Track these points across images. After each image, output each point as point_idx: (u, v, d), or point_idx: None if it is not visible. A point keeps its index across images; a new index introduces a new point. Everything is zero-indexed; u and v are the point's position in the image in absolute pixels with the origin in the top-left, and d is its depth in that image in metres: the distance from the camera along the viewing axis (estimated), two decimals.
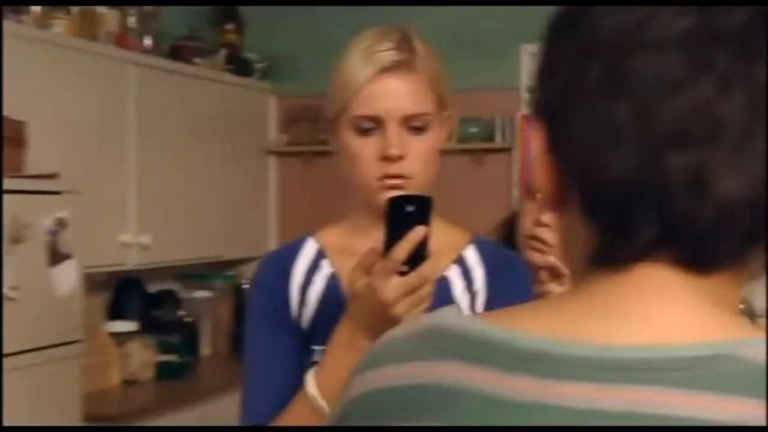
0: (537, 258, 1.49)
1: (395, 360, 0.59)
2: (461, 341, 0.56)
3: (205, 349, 3.46)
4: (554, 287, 1.40)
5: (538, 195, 1.51)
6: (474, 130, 3.39)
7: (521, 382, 0.53)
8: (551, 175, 0.58)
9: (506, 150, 3.46)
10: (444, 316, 0.60)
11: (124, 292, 3.26)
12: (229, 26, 3.74)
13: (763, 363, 0.49)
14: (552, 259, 1.46)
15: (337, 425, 0.63)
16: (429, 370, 0.57)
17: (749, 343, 0.50)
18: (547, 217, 1.50)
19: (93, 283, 2.76)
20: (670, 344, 0.51)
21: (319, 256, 1.29)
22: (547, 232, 1.50)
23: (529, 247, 1.50)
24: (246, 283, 3.58)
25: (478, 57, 3.43)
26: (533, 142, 0.60)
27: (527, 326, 0.55)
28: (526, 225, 1.53)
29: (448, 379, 0.55)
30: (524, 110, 3.45)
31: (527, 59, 3.47)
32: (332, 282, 1.26)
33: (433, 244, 1.10)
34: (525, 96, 3.46)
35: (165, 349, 3.02)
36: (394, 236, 1.08)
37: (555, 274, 1.43)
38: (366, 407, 0.60)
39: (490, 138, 3.47)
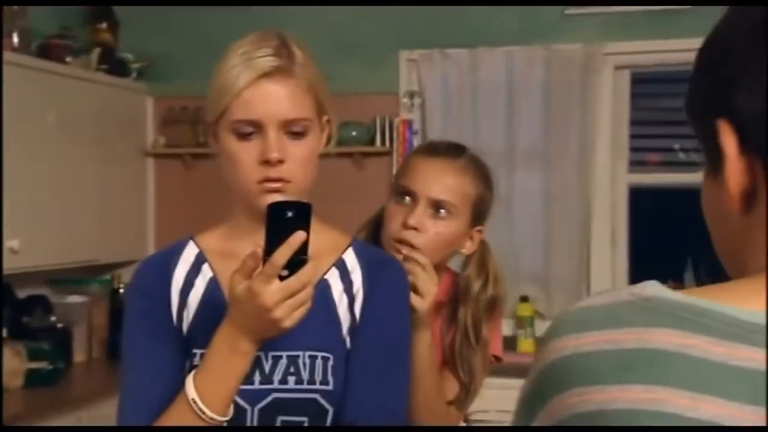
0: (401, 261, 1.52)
1: (598, 326, 0.61)
2: (675, 310, 0.59)
3: (79, 355, 3.37)
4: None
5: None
6: (354, 133, 3.44)
7: (745, 351, 0.56)
8: (746, 176, 0.62)
9: (386, 153, 3.51)
10: (650, 287, 0.62)
11: None
12: (103, 25, 3.64)
13: None
14: (419, 264, 1.49)
15: (532, 395, 0.64)
16: (641, 335, 0.58)
17: None
18: (414, 221, 1.54)
19: None
20: None
21: (200, 259, 1.29)
22: (414, 236, 1.53)
23: (395, 249, 1.52)
24: (123, 287, 3.51)
25: (359, 62, 3.47)
26: (727, 145, 0.62)
27: (736, 301, 0.59)
28: (392, 227, 1.56)
29: (664, 344, 0.58)
30: (403, 114, 3.52)
31: (405, 65, 3.54)
32: (213, 285, 1.27)
33: (314, 248, 1.12)
34: (404, 101, 3.53)
35: (35, 356, 2.92)
36: (274, 241, 1.10)
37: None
38: (565, 371, 0.61)
39: (371, 141, 3.51)
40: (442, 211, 1.55)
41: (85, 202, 3.33)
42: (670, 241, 3.54)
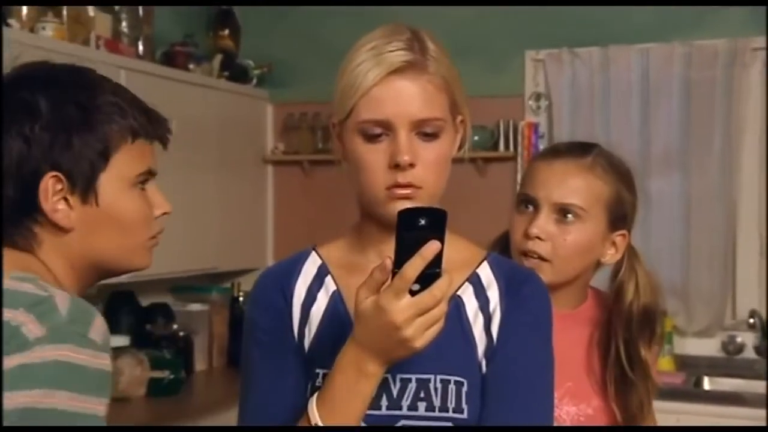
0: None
1: None
2: None
3: (200, 363, 3.37)
4: None
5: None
6: (476, 138, 3.32)
7: None
8: None
9: (511, 159, 3.38)
10: None
11: (115, 306, 3.16)
12: (225, 32, 3.66)
13: None
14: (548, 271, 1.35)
15: None
16: None
17: None
18: (536, 230, 1.40)
19: (84, 296, 2.63)
20: None
21: (322, 271, 1.20)
22: (538, 245, 1.40)
23: (521, 262, 1.40)
24: (242, 296, 3.51)
25: (481, 63, 3.35)
26: None
27: None
28: (516, 239, 1.44)
29: None
30: (529, 117, 3.37)
31: (531, 65, 3.39)
32: (336, 300, 1.18)
33: (446, 261, 1.01)
34: (529, 103, 3.39)
35: (157, 364, 2.93)
36: (405, 252, 0.99)
37: None
38: None
39: (494, 146, 3.39)
40: (569, 216, 1.41)
41: (206, 209, 3.33)
42: None
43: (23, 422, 0.91)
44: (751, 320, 3.09)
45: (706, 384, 3.10)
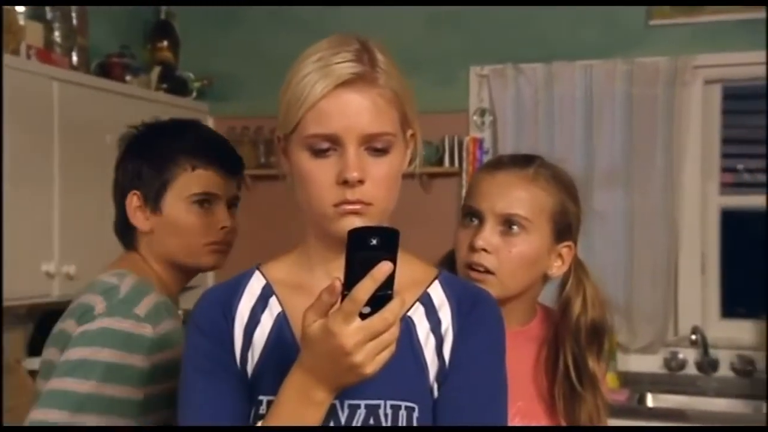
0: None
1: None
2: None
3: None
4: None
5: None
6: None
7: None
8: None
9: (455, 174, 3.36)
10: None
11: (47, 326, 3.02)
12: (163, 43, 3.58)
13: None
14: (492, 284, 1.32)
15: None
16: None
17: None
18: (481, 242, 1.37)
19: (13, 316, 2.56)
20: None
21: (267, 292, 1.14)
22: (483, 257, 1.38)
23: (467, 275, 1.37)
24: (181, 314, 3.41)
25: (427, 78, 3.34)
26: None
27: None
28: (461, 253, 1.41)
29: None
30: (473, 133, 3.36)
31: (476, 81, 3.39)
32: (281, 323, 1.12)
33: (397, 281, 0.96)
34: (474, 119, 3.38)
35: None
36: (355, 273, 0.94)
37: None
38: None
39: (439, 162, 3.37)
40: (514, 227, 1.38)
41: None
42: None
43: (80, 367, 1.35)
44: (693, 337, 3.12)
45: (650, 401, 3.11)
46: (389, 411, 1.06)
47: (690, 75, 3.11)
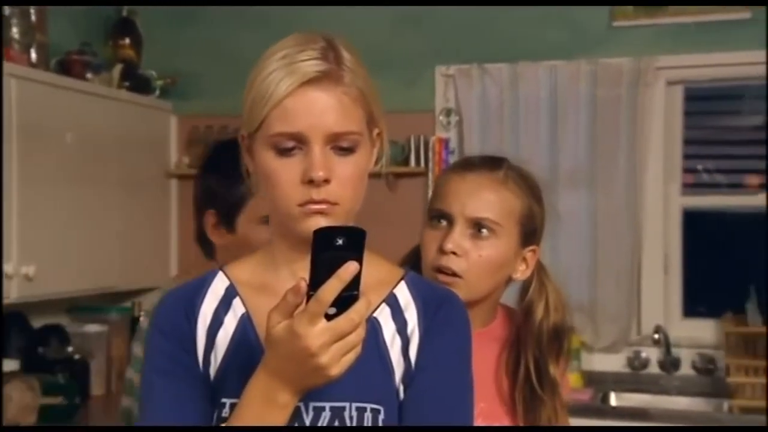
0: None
1: None
2: None
3: (97, 388, 3.21)
4: None
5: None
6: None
7: None
8: None
9: (421, 174, 3.35)
10: None
11: (5, 328, 2.98)
12: (125, 41, 3.53)
13: None
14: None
15: None
16: None
17: None
18: (451, 245, 1.37)
19: None
20: None
21: (230, 293, 1.12)
22: (452, 260, 1.37)
23: (434, 279, 1.36)
24: (144, 315, 3.37)
25: (392, 78, 3.32)
26: None
27: None
28: (429, 256, 1.40)
29: None
30: (439, 133, 3.36)
31: (441, 81, 3.39)
32: (245, 324, 1.10)
33: (362, 282, 0.95)
34: (440, 118, 3.38)
35: (50, 390, 2.77)
36: (320, 273, 0.93)
37: None
38: None
39: (405, 161, 3.36)
40: (484, 230, 1.38)
41: (105, 225, 3.19)
42: (730, 268, 3.33)
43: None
44: (656, 336, 3.15)
45: (613, 400, 3.14)
46: (354, 413, 1.05)
47: (652, 76, 3.14)
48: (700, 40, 3.13)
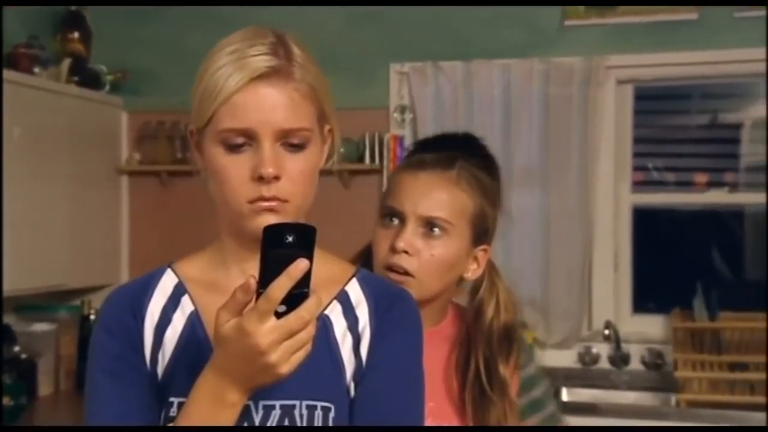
0: None
1: None
2: None
3: (45, 388, 3.16)
4: None
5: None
6: (341, 150, 3.28)
7: None
8: None
9: (376, 171, 3.35)
10: None
11: None
12: (74, 35, 3.47)
13: None
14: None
15: None
16: None
17: None
18: (402, 244, 1.36)
19: None
20: None
21: (179, 290, 1.11)
22: (404, 259, 1.36)
23: (386, 277, 1.35)
24: (93, 314, 3.32)
25: (346, 75, 3.32)
26: None
27: None
28: (381, 254, 1.39)
29: None
30: (394, 130, 3.36)
31: (396, 78, 3.39)
32: (194, 322, 1.09)
33: (313, 279, 0.94)
34: (394, 116, 3.38)
35: None
36: (270, 271, 0.92)
37: None
38: None
39: (360, 159, 3.36)
40: (436, 229, 1.38)
41: (54, 222, 3.13)
42: (678, 265, 3.40)
43: None
44: (606, 332, 3.19)
45: (565, 395, 3.17)
46: (305, 411, 1.04)
47: (603, 75, 3.17)
48: (649, 40, 3.18)
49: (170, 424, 1.02)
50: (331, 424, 1.05)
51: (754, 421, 2.72)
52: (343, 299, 1.11)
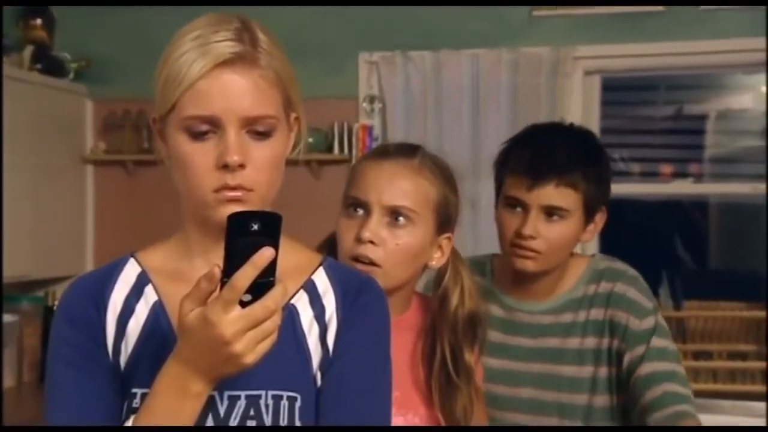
0: None
1: None
2: None
3: (8, 380, 3.12)
4: None
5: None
6: (310, 140, 3.26)
7: None
8: None
9: (344, 161, 3.34)
10: None
11: None
12: (37, 21, 3.41)
13: None
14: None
15: None
16: None
17: None
18: (368, 234, 1.36)
19: None
20: None
21: (142, 280, 1.10)
22: (370, 249, 1.36)
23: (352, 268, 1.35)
24: (57, 305, 3.28)
25: (315, 64, 3.30)
26: None
27: None
28: (346, 245, 1.39)
29: None
30: (363, 120, 3.35)
31: (365, 67, 3.37)
32: (157, 312, 1.08)
33: (280, 268, 0.93)
34: (363, 105, 3.37)
35: None
36: (235, 260, 0.91)
37: None
38: None
39: (328, 149, 3.34)
40: (401, 219, 1.38)
41: (17, 212, 3.08)
42: (643, 255, 3.42)
43: None
44: None
45: None
46: (270, 401, 1.04)
47: (571, 66, 3.18)
48: (617, 30, 3.20)
49: (133, 415, 1.01)
50: (297, 414, 1.04)
51: (718, 408, 2.76)
52: (310, 288, 1.11)
